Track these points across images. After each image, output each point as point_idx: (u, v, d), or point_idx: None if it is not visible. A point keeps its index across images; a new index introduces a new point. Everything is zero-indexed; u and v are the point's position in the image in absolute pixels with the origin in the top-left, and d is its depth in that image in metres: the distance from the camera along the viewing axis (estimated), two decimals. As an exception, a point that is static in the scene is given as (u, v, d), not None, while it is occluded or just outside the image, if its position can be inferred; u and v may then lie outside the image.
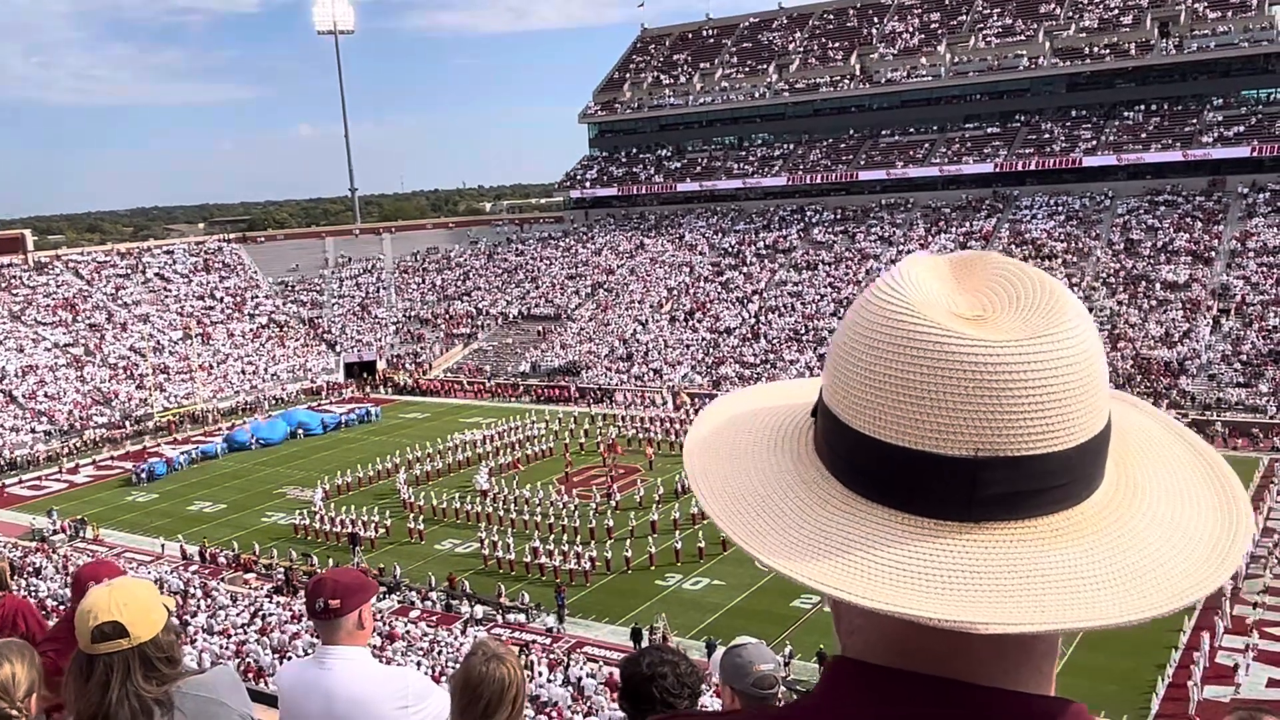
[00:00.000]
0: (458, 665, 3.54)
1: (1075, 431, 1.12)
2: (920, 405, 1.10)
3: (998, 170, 74.11)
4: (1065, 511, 1.14)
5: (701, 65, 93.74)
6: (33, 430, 61.03)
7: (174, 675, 2.67)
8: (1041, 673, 1.20)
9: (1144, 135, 70.71)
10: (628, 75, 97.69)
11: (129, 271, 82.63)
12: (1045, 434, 1.10)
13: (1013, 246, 67.14)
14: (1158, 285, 59.09)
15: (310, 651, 4.36)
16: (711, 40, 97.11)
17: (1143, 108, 72.53)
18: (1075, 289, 60.87)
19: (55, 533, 43.43)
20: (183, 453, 56.15)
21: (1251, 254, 59.41)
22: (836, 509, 1.18)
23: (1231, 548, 1.16)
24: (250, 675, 25.03)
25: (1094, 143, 72.05)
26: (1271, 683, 25.22)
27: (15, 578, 33.51)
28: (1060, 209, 69.65)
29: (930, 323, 1.12)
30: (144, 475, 52.31)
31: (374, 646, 27.27)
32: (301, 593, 33.10)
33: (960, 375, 1.09)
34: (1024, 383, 1.09)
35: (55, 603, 28.26)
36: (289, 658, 24.98)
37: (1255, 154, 65.46)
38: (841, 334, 1.21)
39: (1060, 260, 64.32)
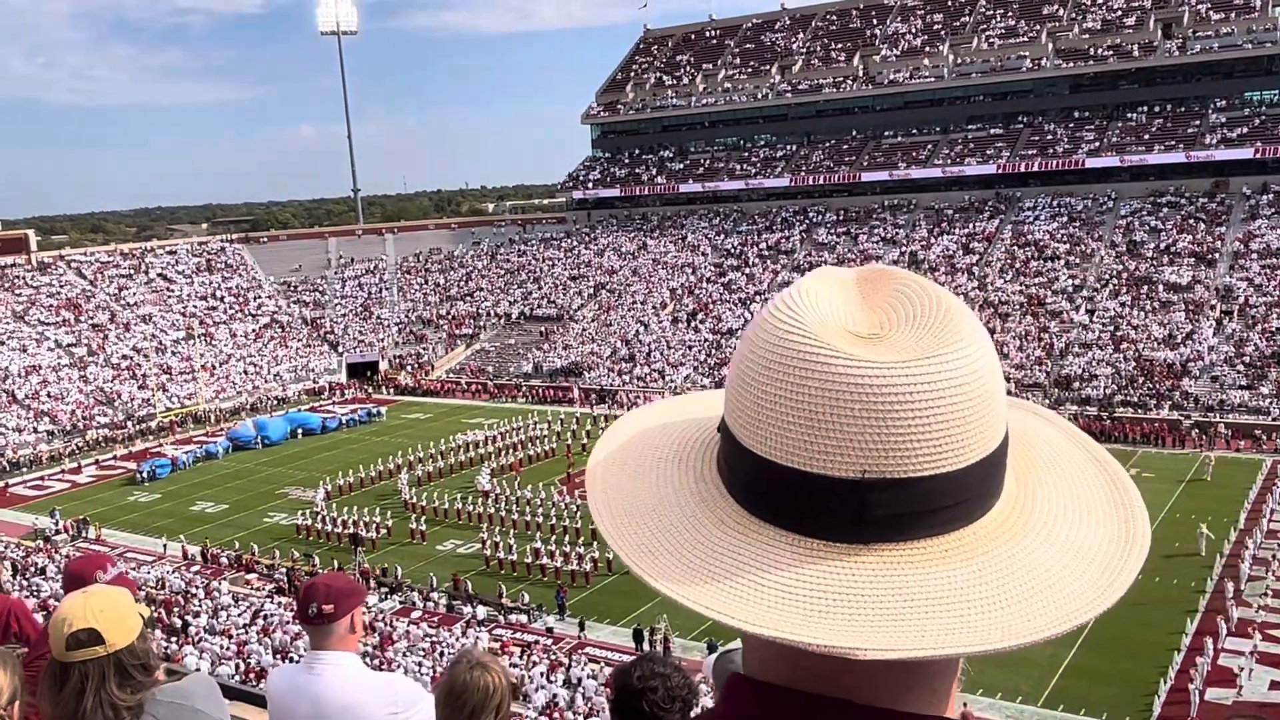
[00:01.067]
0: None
1: (965, 452, 1.11)
2: (809, 426, 1.10)
3: (1000, 171, 74.06)
4: (956, 532, 1.13)
5: (704, 66, 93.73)
6: (35, 430, 61.08)
7: (149, 683, 2.64)
8: (935, 691, 1.17)
9: (1147, 137, 70.65)
10: (630, 76, 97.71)
11: (132, 272, 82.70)
12: (933, 455, 1.09)
13: (1016, 248, 67.10)
14: (1161, 287, 59.02)
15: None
16: (714, 41, 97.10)
17: (1146, 109, 72.46)
18: (1078, 291, 60.86)
19: (58, 532, 43.44)
20: (186, 452, 56.25)
21: (1255, 255, 59.32)
22: (730, 529, 1.17)
23: (1124, 567, 1.15)
24: (252, 676, 25.02)
25: (1097, 144, 71.98)
26: (1274, 685, 25.15)
27: (18, 577, 33.54)
28: (1063, 210, 69.59)
29: (820, 343, 1.11)
30: (147, 474, 52.40)
31: (375, 647, 27.27)
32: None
33: (847, 397, 1.08)
34: (911, 404, 1.08)
35: (57, 602, 28.21)
36: (291, 658, 24.98)
37: (1258, 155, 65.38)
38: (738, 351, 1.20)
39: (1063, 262, 64.27)
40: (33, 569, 34.95)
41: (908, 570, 1.10)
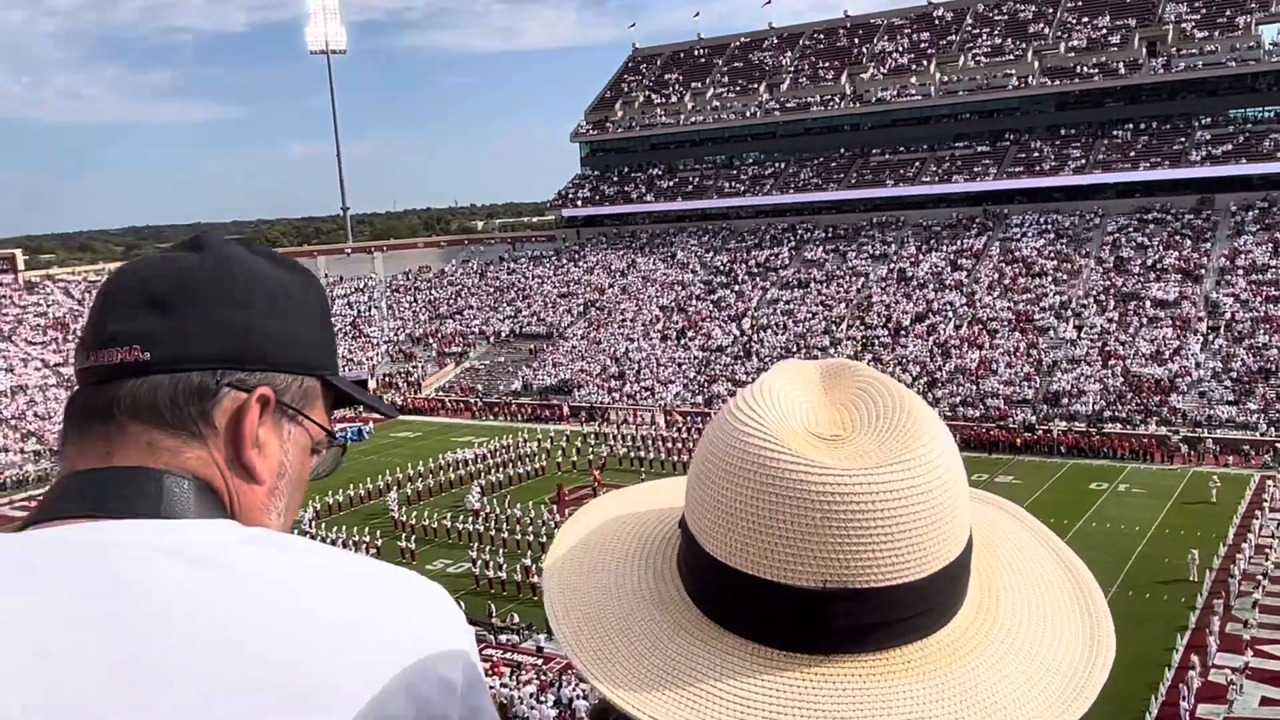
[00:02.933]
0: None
1: (928, 561, 1.08)
2: (769, 534, 1.06)
3: (988, 189, 74.47)
4: (919, 642, 1.10)
5: (693, 84, 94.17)
6: (22, 450, 60.74)
7: None
8: None
9: (1133, 154, 71.16)
10: (619, 95, 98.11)
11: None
12: (896, 564, 1.06)
13: (1003, 264, 67.39)
14: (1148, 303, 59.32)
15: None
16: (703, 60, 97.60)
17: (1131, 126, 73.00)
18: (1066, 307, 61.13)
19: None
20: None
21: (1241, 272, 59.68)
22: (689, 635, 1.13)
23: (1088, 681, 1.12)
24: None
25: (1083, 161, 72.47)
26: (1265, 701, 25.17)
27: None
28: (1050, 227, 69.97)
29: (781, 447, 1.07)
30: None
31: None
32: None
33: (808, 505, 1.05)
34: (873, 512, 1.05)
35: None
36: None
37: (1244, 172, 65.88)
38: (700, 448, 1.17)
39: (1051, 278, 64.57)
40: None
41: (868, 684, 1.06)
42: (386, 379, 77.18)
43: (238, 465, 1.19)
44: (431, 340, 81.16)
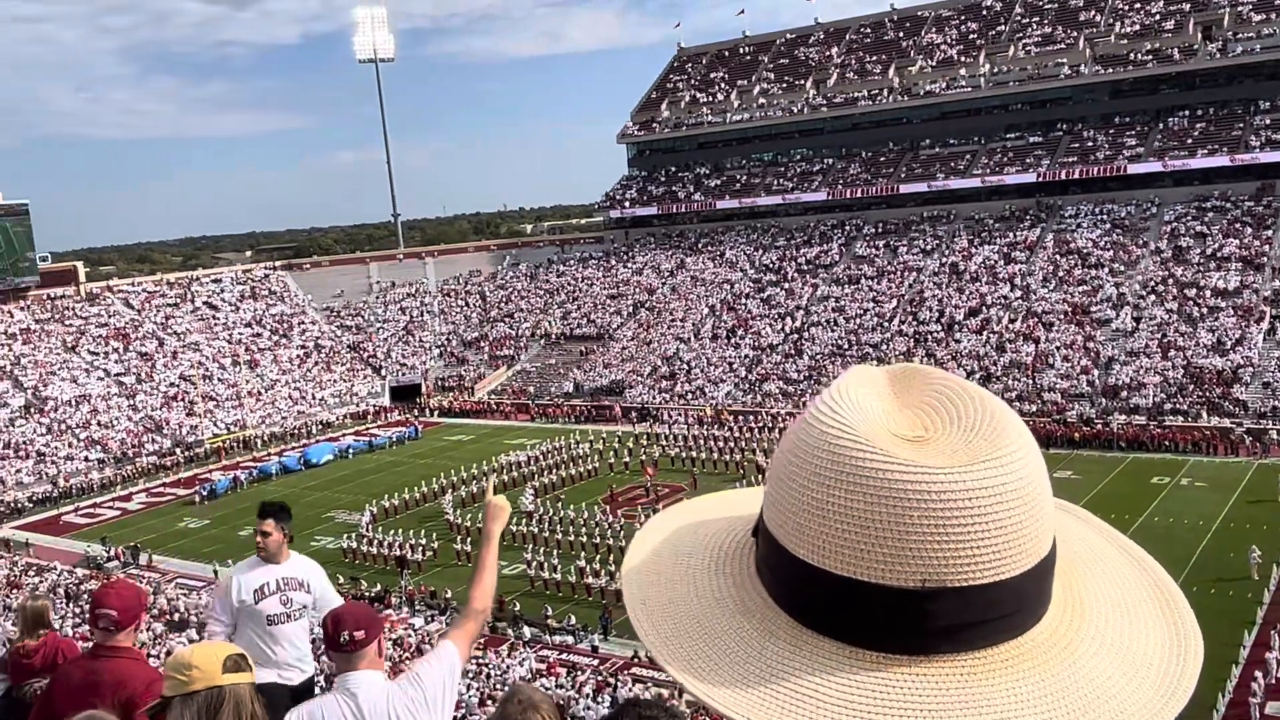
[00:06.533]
0: (504, 688, 3.55)
1: (1020, 558, 1.07)
2: (865, 534, 1.06)
3: (1041, 180, 73.39)
4: (1014, 641, 1.10)
5: (739, 82, 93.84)
6: (86, 458, 62.08)
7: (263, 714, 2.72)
8: None
9: (1190, 141, 69.72)
10: (665, 94, 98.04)
11: (178, 300, 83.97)
12: (992, 563, 1.06)
13: (1058, 256, 66.40)
14: (1208, 293, 58.11)
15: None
16: (748, 57, 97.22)
17: (1188, 113, 71.54)
18: (1123, 299, 60.09)
19: (109, 560, 44.06)
20: (243, 470, 58.12)
21: (1304, 259, 58.25)
22: (778, 640, 1.13)
23: (1182, 675, 1.13)
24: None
25: (1139, 150, 71.17)
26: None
27: (72, 604, 34.05)
28: (1106, 217, 68.78)
29: (872, 448, 1.07)
30: (205, 495, 54.05)
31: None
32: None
33: (905, 504, 1.05)
34: (970, 510, 1.04)
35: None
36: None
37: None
38: (781, 456, 1.16)
39: (1107, 269, 63.51)
40: (85, 596, 35.46)
41: (970, 683, 1.05)
42: (439, 383, 77.84)
43: None
44: (483, 343, 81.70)
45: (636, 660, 30.33)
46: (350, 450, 62.30)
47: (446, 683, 3.88)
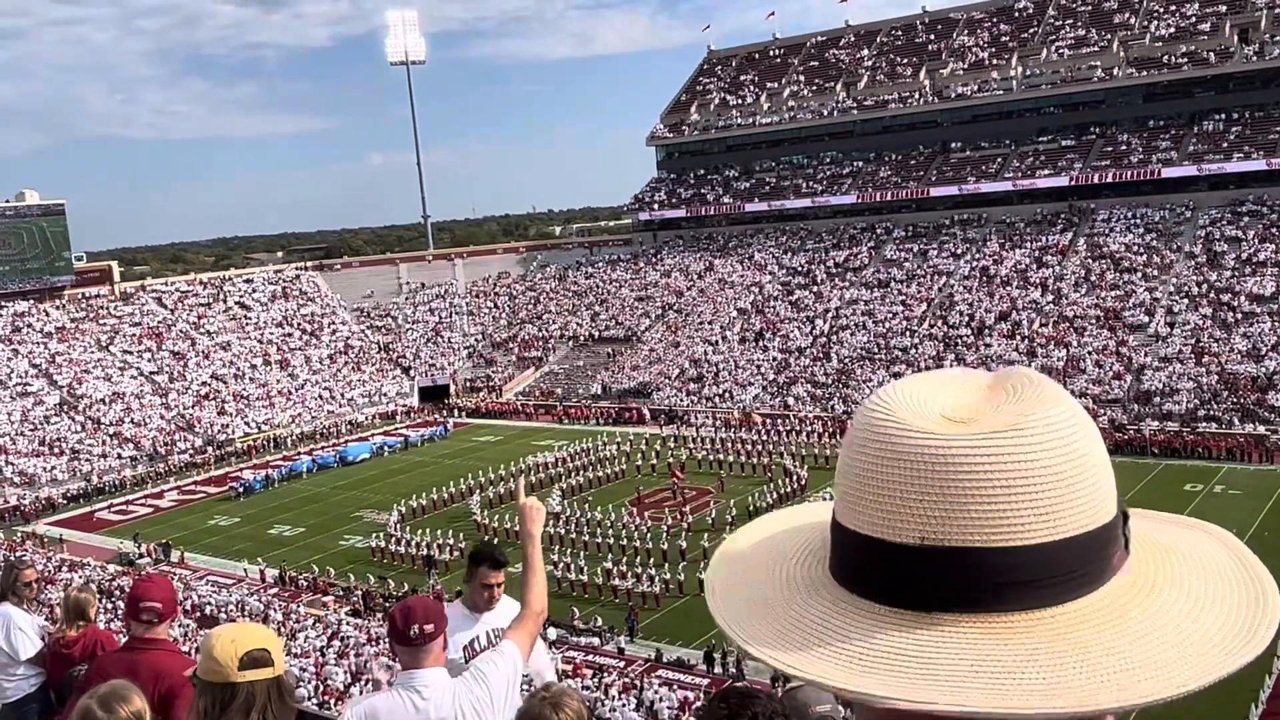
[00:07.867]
0: (528, 690, 3.56)
1: (1039, 527, 1.08)
2: (879, 494, 1.12)
3: (1073, 183, 72.75)
4: (1027, 613, 1.10)
5: (769, 85, 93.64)
6: (120, 456, 62.76)
7: (294, 710, 2.72)
8: None
9: (1225, 145, 68.91)
10: (695, 97, 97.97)
11: (210, 300, 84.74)
12: (1002, 527, 1.08)
13: (1090, 260, 65.83)
14: (1243, 298, 57.43)
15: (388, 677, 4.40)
16: (778, 60, 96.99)
17: (1223, 116, 70.70)
18: (1156, 304, 59.49)
19: (141, 556, 44.52)
20: (275, 468, 58.84)
21: (1342, 264, 57.42)
22: (820, 598, 1.21)
23: (1259, 624, 1.12)
24: (330, 698, 25.35)
25: (1173, 153, 70.42)
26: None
27: (105, 599, 34.39)
28: (1139, 221, 68.11)
29: (902, 423, 1.13)
30: (242, 491, 55.03)
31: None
32: (379, 615, 33.48)
33: (911, 464, 1.10)
34: (970, 471, 1.08)
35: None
36: (368, 681, 25.23)
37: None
38: (843, 445, 1.25)
39: (1140, 274, 62.88)
40: (118, 592, 35.82)
41: (979, 642, 1.08)
42: (468, 384, 78.15)
43: None
44: (511, 345, 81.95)
45: (661, 661, 30.34)
46: (385, 448, 62.92)
47: (511, 682, 3.86)
